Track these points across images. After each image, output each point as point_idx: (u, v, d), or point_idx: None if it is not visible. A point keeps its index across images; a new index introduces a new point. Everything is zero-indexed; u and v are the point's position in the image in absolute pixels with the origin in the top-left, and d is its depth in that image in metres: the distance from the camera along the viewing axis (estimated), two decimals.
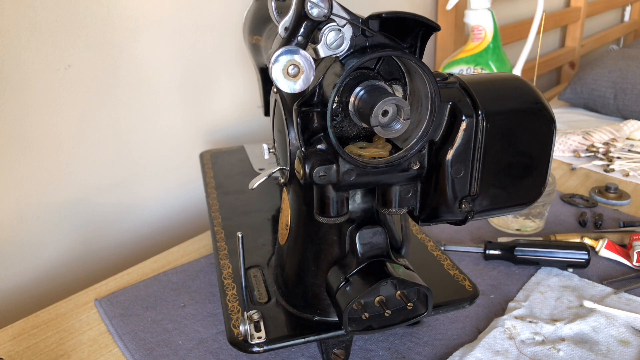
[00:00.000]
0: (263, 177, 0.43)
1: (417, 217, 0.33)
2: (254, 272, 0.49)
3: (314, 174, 0.30)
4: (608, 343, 0.46)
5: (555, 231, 0.65)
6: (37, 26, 0.59)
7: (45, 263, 0.68)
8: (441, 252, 0.52)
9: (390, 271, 0.38)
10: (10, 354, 0.48)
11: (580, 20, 1.62)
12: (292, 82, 0.27)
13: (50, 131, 0.63)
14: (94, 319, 0.53)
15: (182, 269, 0.59)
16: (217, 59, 0.79)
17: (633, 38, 2.18)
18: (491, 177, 0.31)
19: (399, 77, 0.32)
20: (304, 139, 0.30)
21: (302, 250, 0.42)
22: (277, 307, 0.44)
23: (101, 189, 0.71)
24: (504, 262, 0.59)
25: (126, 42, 0.67)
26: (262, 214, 0.60)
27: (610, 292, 0.53)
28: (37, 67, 0.60)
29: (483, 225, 0.66)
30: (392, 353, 0.46)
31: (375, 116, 0.28)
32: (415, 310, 0.39)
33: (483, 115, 0.29)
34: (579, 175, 0.80)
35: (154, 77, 0.72)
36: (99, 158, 0.69)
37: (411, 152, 0.30)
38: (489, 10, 0.82)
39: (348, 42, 0.28)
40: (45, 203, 0.65)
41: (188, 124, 0.78)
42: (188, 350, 0.47)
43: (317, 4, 0.27)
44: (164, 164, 0.77)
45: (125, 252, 0.76)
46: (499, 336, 0.47)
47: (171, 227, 0.80)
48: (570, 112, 1.11)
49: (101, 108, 0.68)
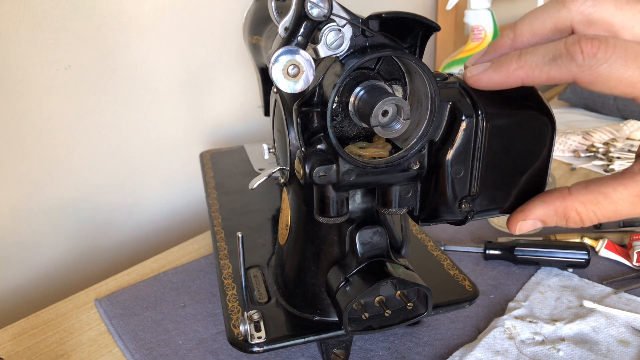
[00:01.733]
0: (263, 177, 0.43)
1: (417, 217, 0.33)
2: (254, 272, 0.49)
3: (314, 174, 0.30)
4: (608, 343, 0.46)
5: (555, 231, 0.65)
6: (37, 26, 0.59)
7: (45, 263, 0.68)
8: (441, 252, 0.52)
9: (390, 271, 0.38)
10: (10, 354, 0.49)
11: None
12: (292, 82, 0.27)
13: (50, 131, 0.63)
14: (94, 319, 0.53)
15: (182, 269, 0.59)
16: (217, 59, 0.79)
17: None
18: (491, 177, 0.31)
19: (399, 77, 0.32)
20: (304, 139, 0.30)
21: (302, 250, 0.42)
22: (277, 307, 0.44)
23: (101, 189, 0.71)
24: (504, 262, 0.59)
25: (126, 42, 0.67)
26: (262, 214, 0.60)
27: (610, 292, 0.53)
28: (37, 67, 0.60)
29: (483, 225, 0.66)
30: (392, 353, 0.46)
31: (375, 116, 0.28)
32: (415, 310, 0.39)
33: (483, 115, 0.29)
34: (579, 175, 0.80)
35: (154, 77, 0.72)
36: (99, 158, 0.69)
37: (411, 152, 0.30)
38: (489, 10, 0.82)
39: (348, 42, 0.28)
40: (45, 203, 0.65)
41: (188, 124, 0.79)
42: (188, 350, 0.47)
43: (317, 4, 0.27)
44: (163, 164, 0.77)
45: (125, 252, 0.76)
46: (499, 336, 0.47)
47: (171, 227, 0.80)
48: (570, 112, 1.11)
49: (101, 108, 0.68)
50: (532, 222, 0.30)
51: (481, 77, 0.28)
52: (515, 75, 0.26)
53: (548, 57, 0.25)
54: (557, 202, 0.29)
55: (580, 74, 0.24)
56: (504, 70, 0.27)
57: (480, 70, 0.28)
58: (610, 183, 0.28)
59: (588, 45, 0.24)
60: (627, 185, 0.27)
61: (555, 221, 0.29)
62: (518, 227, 0.31)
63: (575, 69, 0.24)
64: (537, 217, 0.30)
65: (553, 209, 0.29)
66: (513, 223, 0.31)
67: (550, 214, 0.29)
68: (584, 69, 0.24)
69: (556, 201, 0.29)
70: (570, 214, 0.28)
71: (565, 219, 0.29)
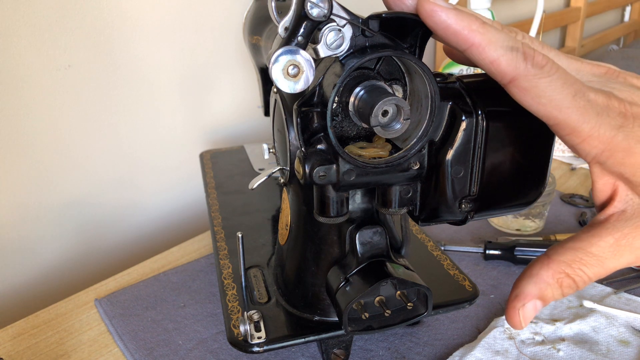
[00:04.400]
0: (263, 177, 0.43)
1: (417, 217, 0.33)
2: (254, 272, 0.49)
3: (314, 174, 0.30)
4: (608, 343, 0.46)
5: (555, 231, 0.65)
6: (37, 26, 0.59)
7: (45, 263, 0.68)
8: (441, 252, 0.52)
9: (390, 271, 0.38)
10: (10, 354, 0.49)
11: (580, 20, 1.62)
12: (292, 82, 0.27)
13: (50, 131, 0.63)
14: (94, 319, 0.53)
15: (182, 269, 0.59)
16: (217, 59, 0.79)
17: (633, 38, 2.18)
18: (491, 177, 0.31)
19: (399, 77, 0.32)
20: (304, 139, 0.30)
21: (302, 250, 0.42)
22: (277, 307, 0.44)
23: (101, 188, 0.71)
24: (504, 262, 0.59)
25: (126, 42, 0.67)
26: (262, 214, 0.60)
27: (610, 292, 0.53)
28: (37, 67, 0.60)
29: (483, 225, 0.66)
30: (392, 353, 0.46)
31: (375, 116, 0.28)
32: (415, 310, 0.39)
33: (483, 115, 0.29)
34: (579, 175, 0.80)
35: (154, 77, 0.72)
36: (99, 158, 0.69)
37: (411, 152, 0.30)
38: (489, 10, 0.82)
39: (348, 42, 0.28)
40: (45, 203, 0.65)
41: (188, 123, 0.79)
42: (188, 350, 0.47)
43: (317, 4, 0.27)
44: (164, 164, 0.77)
45: (125, 252, 0.76)
46: (499, 336, 0.47)
47: (171, 227, 0.80)
48: None
49: (101, 108, 0.68)
50: (532, 305, 0.28)
51: (439, 11, 0.25)
52: (470, 36, 0.24)
53: (506, 43, 0.24)
54: (543, 272, 0.27)
55: (522, 77, 0.24)
56: (465, 23, 0.24)
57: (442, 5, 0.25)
58: (584, 238, 0.27)
59: (540, 56, 0.24)
60: (601, 235, 0.26)
61: (552, 293, 0.27)
62: (521, 317, 0.28)
63: (522, 68, 0.24)
64: (533, 296, 0.27)
65: (543, 280, 0.27)
66: (513, 315, 0.28)
67: (543, 287, 0.27)
68: (528, 73, 0.24)
69: (541, 271, 0.27)
70: (562, 279, 0.27)
71: (559, 286, 0.27)
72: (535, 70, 0.24)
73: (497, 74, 0.25)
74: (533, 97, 0.24)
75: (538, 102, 0.24)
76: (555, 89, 0.24)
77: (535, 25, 0.82)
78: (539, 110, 0.25)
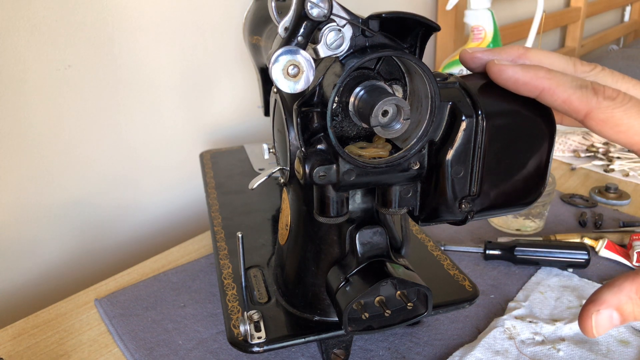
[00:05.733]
0: (263, 177, 0.43)
1: (417, 217, 0.33)
2: (254, 272, 0.49)
3: (314, 174, 0.30)
4: (608, 343, 0.46)
5: (555, 231, 0.65)
6: (37, 26, 0.59)
7: (45, 263, 0.68)
8: (441, 252, 0.52)
9: (390, 271, 0.38)
10: (10, 354, 0.49)
11: (580, 20, 1.62)
12: (292, 82, 0.27)
13: (50, 131, 0.63)
14: (94, 319, 0.53)
15: (182, 269, 0.59)
16: (217, 59, 0.79)
17: (633, 38, 2.18)
18: (491, 177, 0.31)
19: (399, 77, 0.32)
20: (304, 139, 0.30)
21: (302, 250, 0.43)
22: (277, 307, 0.44)
23: (101, 188, 0.71)
24: (504, 262, 0.59)
25: (126, 42, 0.67)
26: (262, 214, 0.60)
27: None
28: (37, 67, 0.60)
29: (483, 225, 0.66)
30: (392, 353, 0.47)
31: (375, 116, 0.28)
32: (415, 310, 0.39)
33: (483, 115, 0.29)
34: (579, 175, 0.80)
35: (154, 77, 0.72)
36: (99, 158, 0.69)
37: (411, 152, 0.30)
38: (489, 10, 0.82)
39: (348, 42, 0.28)
40: (45, 203, 0.65)
41: (188, 124, 0.79)
42: (188, 350, 0.47)
43: (317, 4, 0.27)
44: (164, 164, 0.77)
45: (125, 252, 0.76)
46: (499, 336, 0.47)
47: (171, 227, 0.81)
48: None
49: (101, 108, 0.68)
50: (607, 313, 0.26)
51: (506, 69, 0.28)
52: (539, 83, 0.27)
53: (575, 83, 0.26)
54: (626, 284, 0.26)
55: (596, 109, 0.26)
56: (532, 73, 0.27)
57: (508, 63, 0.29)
58: None
59: (610, 90, 0.26)
60: None
61: (633, 310, 0.26)
62: (594, 323, 0.26)
63: (594, 103, 0.26)
64: (610, 305, 0.26)
65: (625, 293, 0.26)
66: (586, 320, 0.26)
67: (623, 300, 0.26)
68: (601, 107, 0.25)
69: (624, 283, 0.26)
70: None
71: None
72: (608, 102, 0.25)
73: (571, 112, 0.26)
74: (611, 126, 0.26)
75: (618, 131, 0.26)
76: (631, 116, 0.25)
77: (535, 25, 0.82)
78: (619, 139, 0.26)
